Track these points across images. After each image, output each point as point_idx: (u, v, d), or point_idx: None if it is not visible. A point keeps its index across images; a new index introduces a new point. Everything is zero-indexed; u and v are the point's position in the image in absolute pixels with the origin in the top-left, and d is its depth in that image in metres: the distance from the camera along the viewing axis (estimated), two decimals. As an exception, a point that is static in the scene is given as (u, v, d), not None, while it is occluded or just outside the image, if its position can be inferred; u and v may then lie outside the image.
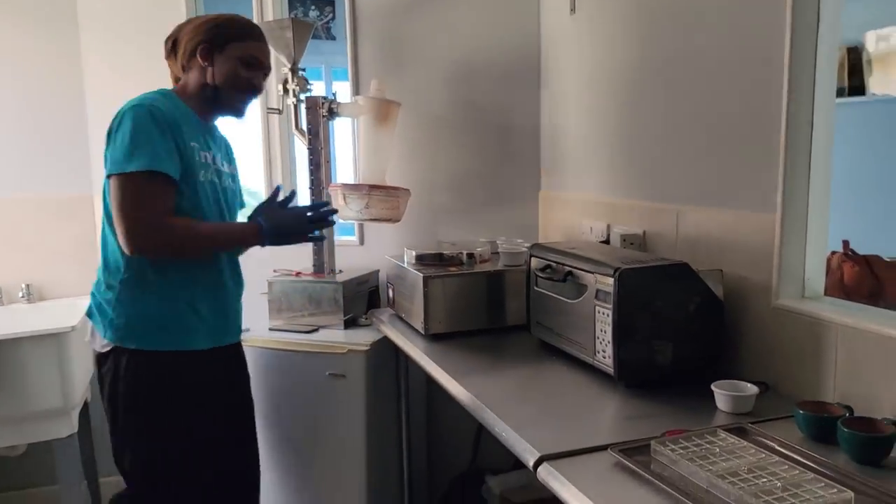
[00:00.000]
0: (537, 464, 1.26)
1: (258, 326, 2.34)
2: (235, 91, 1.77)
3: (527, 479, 2.21)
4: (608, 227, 2.22)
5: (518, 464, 2.36)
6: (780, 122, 1.56)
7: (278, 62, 2.37)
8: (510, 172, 2.73)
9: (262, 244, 1.78)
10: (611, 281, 1.59)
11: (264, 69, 1.82)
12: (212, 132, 1.83)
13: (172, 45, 1.78)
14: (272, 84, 2.48)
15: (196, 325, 1.73)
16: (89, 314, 1.76)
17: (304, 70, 2.40)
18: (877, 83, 3.23)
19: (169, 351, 1.69)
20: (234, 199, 1.88)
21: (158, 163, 1.58)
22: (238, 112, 1.82)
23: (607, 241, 2.20)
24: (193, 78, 1.76)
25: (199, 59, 1.74)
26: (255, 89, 1.80)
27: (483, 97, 2.65)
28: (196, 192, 1.70)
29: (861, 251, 2.84)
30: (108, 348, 1.68)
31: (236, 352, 1.91)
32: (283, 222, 1.79)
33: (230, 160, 1.91)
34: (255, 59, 1.77)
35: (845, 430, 1.22)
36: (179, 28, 1.79)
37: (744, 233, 1.70)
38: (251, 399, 1.96)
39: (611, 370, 1.61)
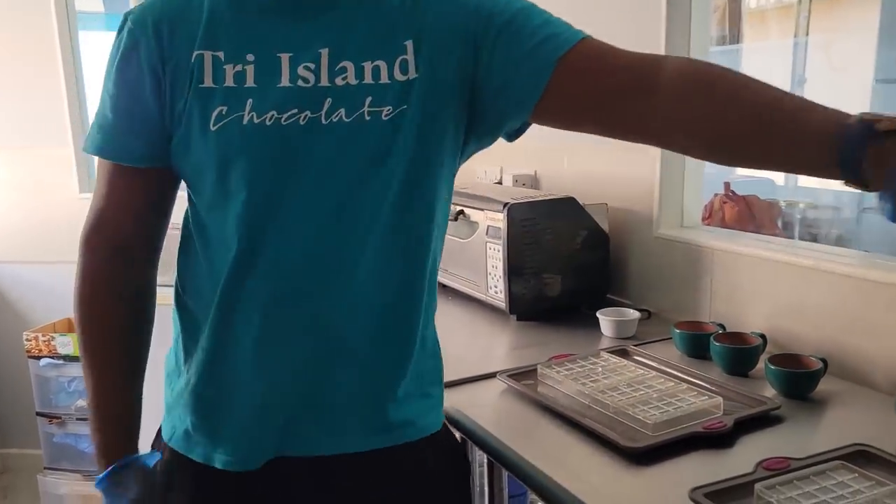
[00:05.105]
0: (428, 394, 1.27)
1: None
2: None
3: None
4: (501, 169, 2.24)
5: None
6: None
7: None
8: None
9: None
10: (500, 217, 1.60)
11: None
12: (313, 14, 0.84)
13: None
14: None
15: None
16: None
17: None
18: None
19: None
20: (343, 150, 0.83)
21: (107, 142, 0.87)
22: None
23: (500, 183, 2.22)
24: None
25: None
26: None
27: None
28: (198, 146, 0.83)
29: (740, 192, 3.00)
30: None
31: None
32: None
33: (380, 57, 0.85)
34: None
35: (716, 344, 1.29)
36: None
37: (627, 169, 1.75)
38: None
39: (503, 304, 1.64)
